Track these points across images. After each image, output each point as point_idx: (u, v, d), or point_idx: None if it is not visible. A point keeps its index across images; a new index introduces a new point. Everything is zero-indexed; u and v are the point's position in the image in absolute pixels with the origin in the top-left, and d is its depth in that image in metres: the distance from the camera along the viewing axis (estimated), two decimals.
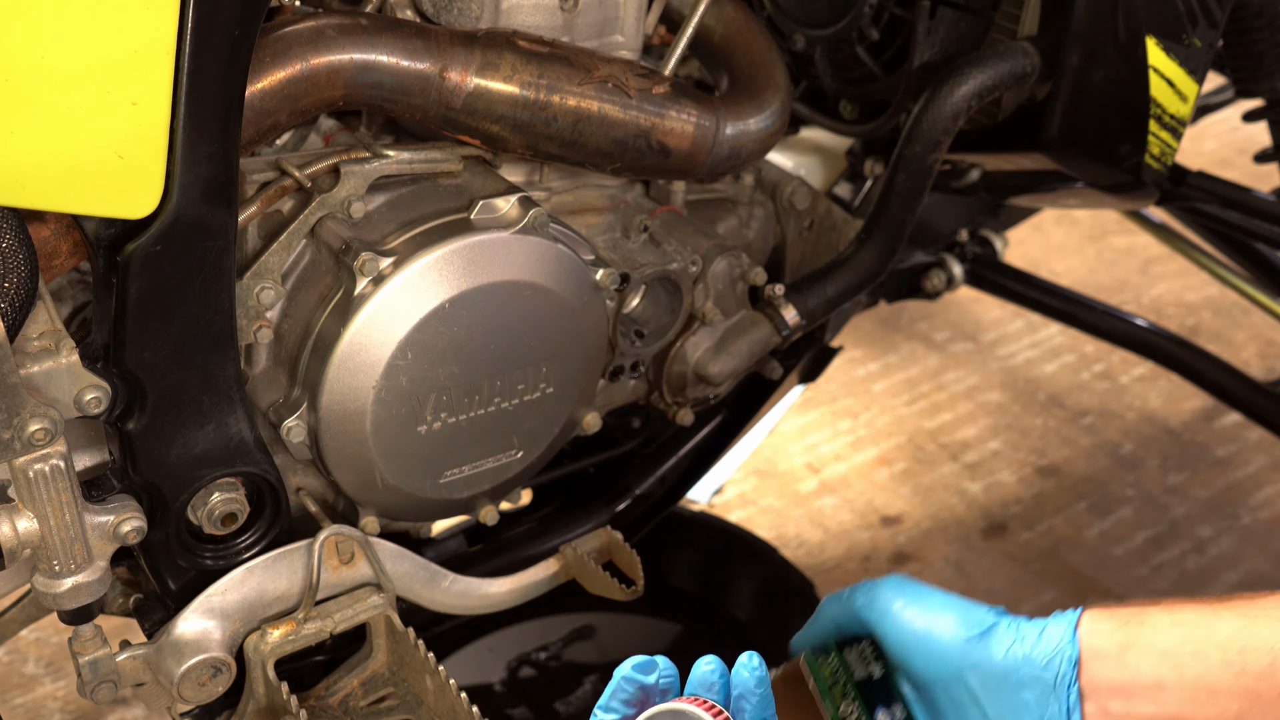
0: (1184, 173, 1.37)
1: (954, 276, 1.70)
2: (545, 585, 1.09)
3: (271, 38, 0.87)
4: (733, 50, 1.15)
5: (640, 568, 1.08)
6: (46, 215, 0.80)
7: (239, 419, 0.90)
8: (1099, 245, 2.76)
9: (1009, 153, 1.25)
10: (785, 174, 1.29)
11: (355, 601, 0.97)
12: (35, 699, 1.65)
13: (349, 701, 1.01)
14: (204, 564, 0.94)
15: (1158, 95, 1.15)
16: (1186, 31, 1.14)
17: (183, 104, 0.77)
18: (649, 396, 1.23)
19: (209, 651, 0.92)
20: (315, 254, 0.96)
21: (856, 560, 1.90)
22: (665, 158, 1.04)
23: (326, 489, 1.04)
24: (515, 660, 1.61)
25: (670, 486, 1.29)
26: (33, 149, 0.72)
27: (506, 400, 1.02)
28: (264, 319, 0.94)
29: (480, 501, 1.09)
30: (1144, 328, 1.74)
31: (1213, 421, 2.22)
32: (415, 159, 0.99)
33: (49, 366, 0.78)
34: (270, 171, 0.95)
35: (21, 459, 0.77)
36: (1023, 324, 2.46)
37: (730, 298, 1.20)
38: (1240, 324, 2.49)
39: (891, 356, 2.39)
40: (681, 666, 0.77)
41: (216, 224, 0.82)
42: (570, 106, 0.97)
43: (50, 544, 0.81)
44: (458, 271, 0.94)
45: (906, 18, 1.22)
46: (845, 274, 1.18)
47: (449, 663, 1.55)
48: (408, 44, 0.91)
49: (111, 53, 0.72)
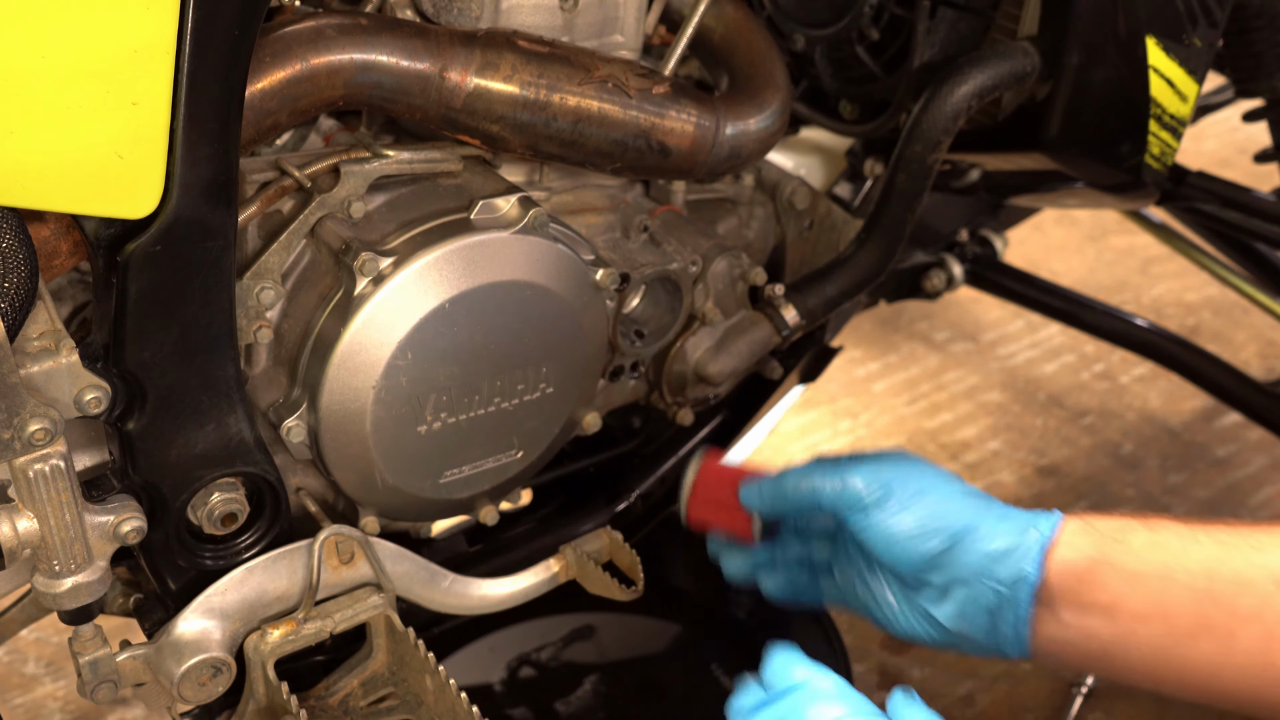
0: (1184, 173, 1.37)
1: (954, 276, 1.70)
2: (545, 586, 1.10)
3: (271, 38, 0.87)
4: (733, 50, 1.15)
5: (640, 568, 1.08)
6: (46, 215, 0.80)
7: (239, 419, 0.90)
8: (1099, 245, 2.76)
9: (1009, 153, 1.25)
10: (785, 174, 1.29)
11: (355, 601, 0.97)
12: (35, 699, 1.65)
13: (349, 701, 1.01)
14: (204, 564, 0.94)
15: (1158, 95, 1.15)
16: (1186, 31, 1.14)
17: (183, 104, 0.77)
18: (649, 396, 1.23)
19: (209, 651, 0.92)
20: (315, 254, 0.96)
21: None
22: (665, 158, 1.04)
23: (326, 489, 1.04)
24: (515, 660, 1.61)
25: (670, 486, 1.29)
26: (33, 149, 0.72)
27: (506, 400, 1.02)
28: (264, 319, 0.94)
29: (480, 501, 1.09)
30: (1144, 328, 1.74)
31: (1213, 421, 2.22)
32: (415, 159, 0.99)
33: (49, 366, 0.78)
34: (270, 171, 0.95)
35: (21, 459, 0.77)
36: (1023, 324, 2.46)
37: (730, 298, 1.20)
38: (1240, 324, 2.49)
39: (891, 356, 2.39)
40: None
41: (216, 224, 0.82)
42: (570, 106, 0.97)
43: (50, 544, 0.81)
44: (458, 271, 0.94)
45: (906, 18, 1.22)
46: (845, 274, 1.18)
47: (449, 663, 1.55)
48: (408, 44, 0.91)
49: (111, 53, 0.72)
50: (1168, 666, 0.80)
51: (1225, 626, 0.77)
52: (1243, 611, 0.76)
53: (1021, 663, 1.74)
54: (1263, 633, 0.76)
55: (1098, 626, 0.81)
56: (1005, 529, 0.83)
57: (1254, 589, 0.76)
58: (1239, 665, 0.77)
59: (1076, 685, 1.68)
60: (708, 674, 1.60)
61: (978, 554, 0.83)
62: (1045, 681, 1.71)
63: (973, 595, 0.84)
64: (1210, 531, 0.80)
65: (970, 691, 1.70)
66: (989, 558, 0.83)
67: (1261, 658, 0.76)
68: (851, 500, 0.88)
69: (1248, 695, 0.78)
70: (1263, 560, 0.77)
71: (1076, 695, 1.67)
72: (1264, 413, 1.63)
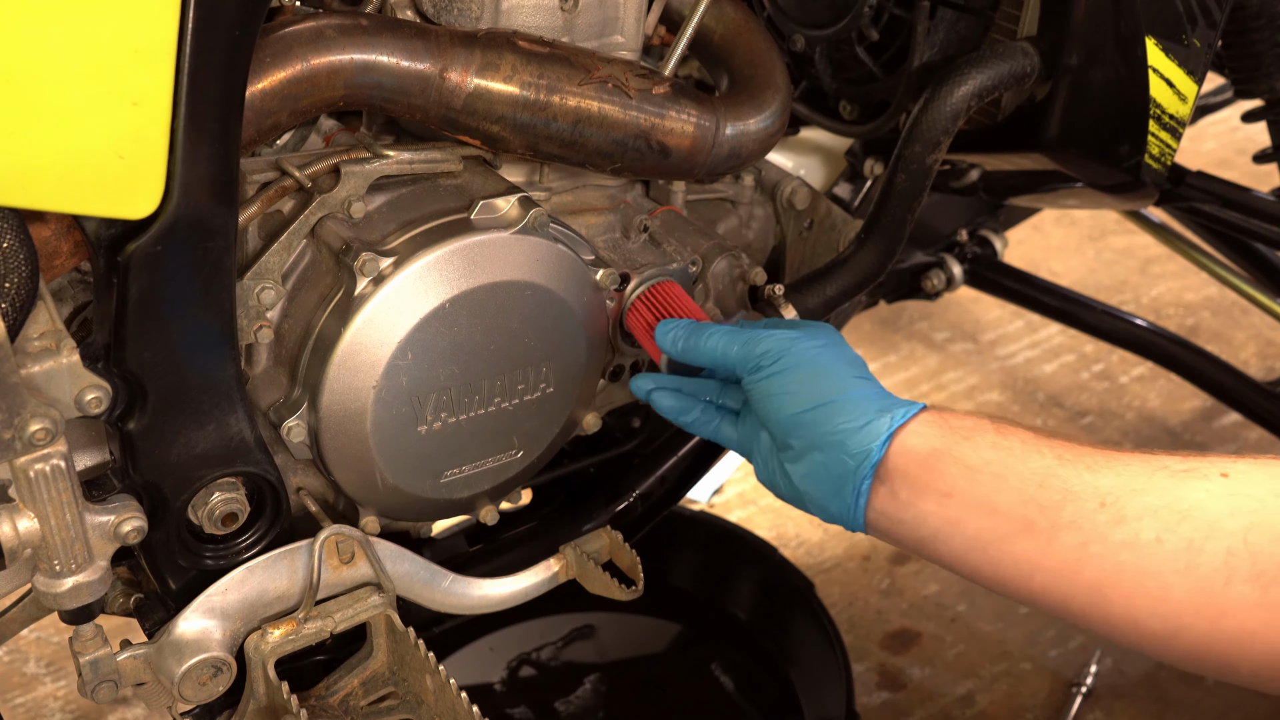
0: (1183, 173, 1.37)
1: (954, 276, 1.70)
2: (545, 585, 1.10)
3: (272, 38, 0.87)
4: (733, 50, 1.15)
5: (640, 568, 1.08)
6: (47, 215, 0.80)
7: (239, 419, 0.90)
8: (1099, 245, 2.76)
9: (1009, 153, 1.25)
10: (785, 174, 1.29)
11: (355, 601, 0.98)
12: (36, 698, 1.65)
13: (349, 701, 1.01)
14: (204, 564, 0.94)
15: (1157, 95, 1.15)
16: (1186, 32, 1.14)
17: (183, 104, 0.77)
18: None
19: (209, 651, 0.92)
20: (316, 254, 0.96)
21: (856, 560, 1.90)
22: (665, 158, 1.04)
23: (327, 489, 1.04)
24: (515, 660, 1.61)
25: (670, 486, 1.29)
26: (33, 149, 0.72)
27: (507, 400, 1.02)
28: (264, 319, 0.94)
29: (480, 501, 1.09)
30: (1144, 328, 1.74)
31: (1212, 421, 2.22)
32: (415, 159, 0.99)
33: (49, 366, 0.78)
34: (271, 171, 0.95)
35: (22, 459, 0.77)
36: (1022, 324, 2.46)
37: (730, 298, 1.20)
38: (1240, 324, 2.50)
39: (891, 356, 2.39)
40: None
41: (217, 224, 0.82)
42: (570, 107, 0.97)
43: (51, 544, 0.81)
44: (458, 271, 0.94)
45: (906, 18, 1.22)
46: (845, 274, 1.18)
47: (449, 662, 1.55)
48: (408, 44, 0.91)
49: (112, 53, 0.72)
50: (987, 559, 0.85)
51: (1045, 531, 0.81)
52: (1063, 520, 0.80)
53: (1022, 663, 1.74)
54: (1078, 542, 0.80)
55: (930, 511, 0.87)
56: (865, 409, 0.90)
57: (1078, 502, 0.80)
58: (1052, 569, 0.81)
59: (1077, 685, 1.68)
60: (708, 674, 1.61)
61: (835, 425, 0.90)
62: (1045, 681, 1.72)
63: (824, 460, 0.90)
64: (1054, 446, 0.85)
65: (970, 691, 1.70)
66: (844, 431, 0.90)
67: (1074, 564, 0.80)
68: (750, 363, 0.96)
69: (1057, 600, 0.82)
70: (1092, 479, 0.81)
71: (1076, 695, 1.67)
72: (1263, 413, 1.63)
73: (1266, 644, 0.75)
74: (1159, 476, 0.80)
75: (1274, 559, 0.74)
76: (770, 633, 1.63)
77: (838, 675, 1.47)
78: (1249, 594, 0.74)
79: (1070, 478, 0.82)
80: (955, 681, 1.72)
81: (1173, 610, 0.77)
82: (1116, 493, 0.80)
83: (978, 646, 1.77)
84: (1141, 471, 0.81)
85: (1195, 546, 0.76)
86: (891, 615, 1.82)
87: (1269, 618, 0.74)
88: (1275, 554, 0.74)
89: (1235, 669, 0.77)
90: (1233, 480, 0.78)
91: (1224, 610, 0.75)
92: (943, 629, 1.79)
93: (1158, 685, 1.70)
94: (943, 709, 1.68)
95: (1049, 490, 0.82)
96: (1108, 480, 0.81)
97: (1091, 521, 0.80)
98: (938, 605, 1.83)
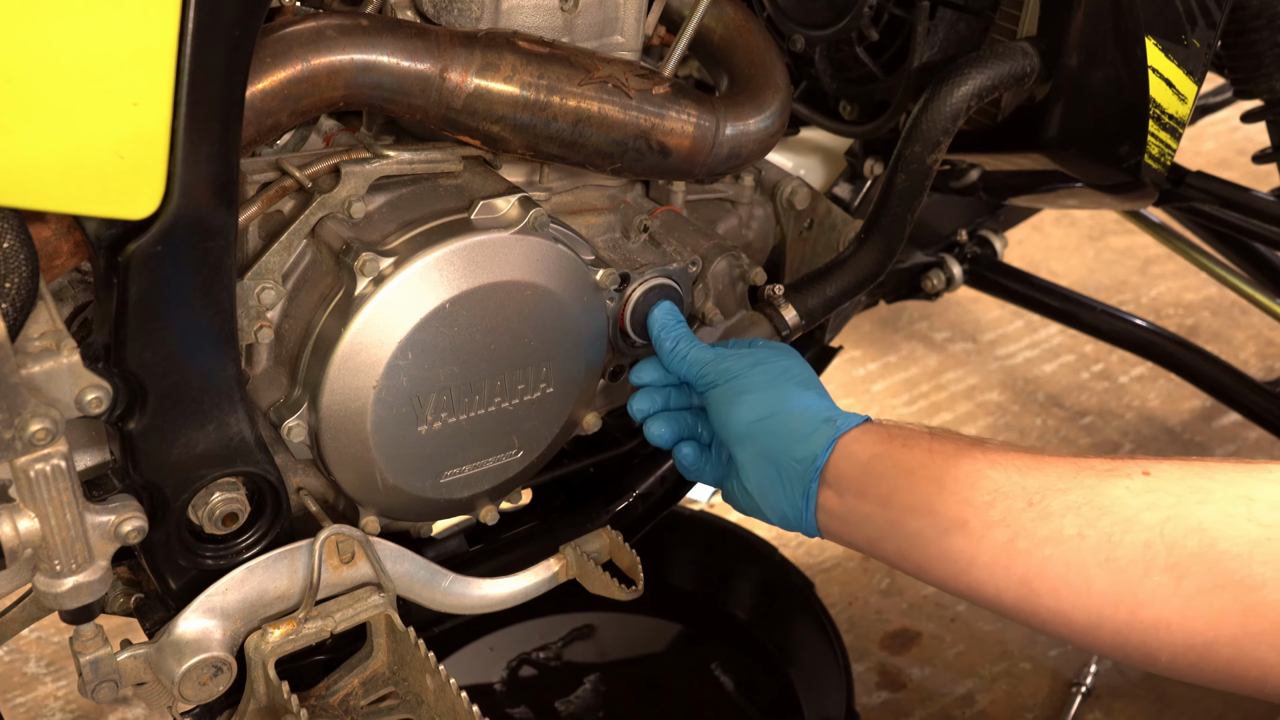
0: (1183, 173, 1.37)
1: (953, 276, 1.70)
2: (545, 585, 1.10)
3: (272, 38, 0.87)
4: (733, 51, 1.15)
5: (640, 568, 1.08)
6: (47, 216, 0.80)
7: (240, 419, 0.90)
8: (1098, 245, 2.76)
9: (1009, 153, 1.25)
10: (785, 174, 1.29)
11: (356, 601, 0.98)
12: (36, 698, 1.65)
13: (349, 701, 1.01)
14: (205, 563, 0.95)
15: (1157, 96, 1.15)
16: (1185, 32, 1.14)
17: (183, 104, 0.77)
18: None
19: (210, 651, 0.92)
20: (316, 254, 0.96)
21: (856, 560, 1.90)
22: (665, 158, 1.04)
23: (327, 489, 1.04)
24: (515, 660, 1.61)
25: (670, 486, 1.29)
26: (33, 149, 0.72)
27: (507, 400, 1.02)
28: (265, 319, 0.94)
29: (480, 501, 1.09)
30: (1143, 328, 1.74)
31: (1212, 421, 2.22)
32: (415, 159, 0.99)
33: (50, 366, 0.78)
34: (271, 172, 0.95)
35: (22, 459, 0.77)
36: (1022, 324, 2.46)
37: (730, 298, 1.21)
38: (1239, 324, 2.50)
39: (891, 356, 2.39)
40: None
41: (217, 224, 0.82)
42: (570, 107, 0.97)
43: (51, 544, 0.81)
44: (458, 272, 0.94)
45: (906, 18, 1.22)
46: (845, 274, 1.18)
47: (449, 662, 1.55)
48: (408, 44, 0.91)
49: (112, 53, 0.72)
50: (926, 557, 0.89)
51: (977, 529, 0.85)
52: (993, 518, 0.84)
53: (1021, 662, 1.74)
54: (1007, 539, 0.83)
55: (874, 513, 0.92)
56: (812, 418, 0.96)
57: (1007, 501, 0.84)
58: (985, 565, 0.85)
59: (1076, 685, 1.68)
60: (708, 674, 1.61)
61: (784, 433, 0.96)
62: (1045, 681, 1.72)
63: (775, 466, 0.96)
64: (987, 451, 0.89)
65: (970, 691, 1.70)
66: (792, 437, 0.96)
67: (1004, 560, 0.84)
68: (707, 380, 1.03)
69: (990, 594, 0.85)
70: (1021, 480, 0.85)
71: (1076, 695, 1.67)
72: (1263, 413, 1.64)
73: (1183, 633, 0.77)
74: (1084, 476, 0.84)
75: (1188, 550, 0.77)
76: (770, 633, 1.63)
77: (838, 675, 1.48)
78: (1165, 584, 0.77)
79: (1000, 479, 0.86)
80: (955, 681, 1.72)
81: (1095, 602, 0.80)
82: (1043, 491, 0.84)
83: (977, 646, 1.77)
84: (1068, 472, 0.84)
85: (1115, 540, 0.79)
86: (891, 615, 1.82)
87: (1184, 606, 0.76)
88: (1190, 545, 0.77)
89: (1155, 658, 0.79)
90: (1153, 478, 0.81)
91: (1142, 600, 0.78)
92: (942, 629, 1.79)
93: (1157, 685, 1.70)
94: (943, 709, 1.68)
95: (980, 491, 0.86)
96: (1035, 480, 0.85)
97: (1019, 519, 0.83)
98: (937, 605, 1.83)
